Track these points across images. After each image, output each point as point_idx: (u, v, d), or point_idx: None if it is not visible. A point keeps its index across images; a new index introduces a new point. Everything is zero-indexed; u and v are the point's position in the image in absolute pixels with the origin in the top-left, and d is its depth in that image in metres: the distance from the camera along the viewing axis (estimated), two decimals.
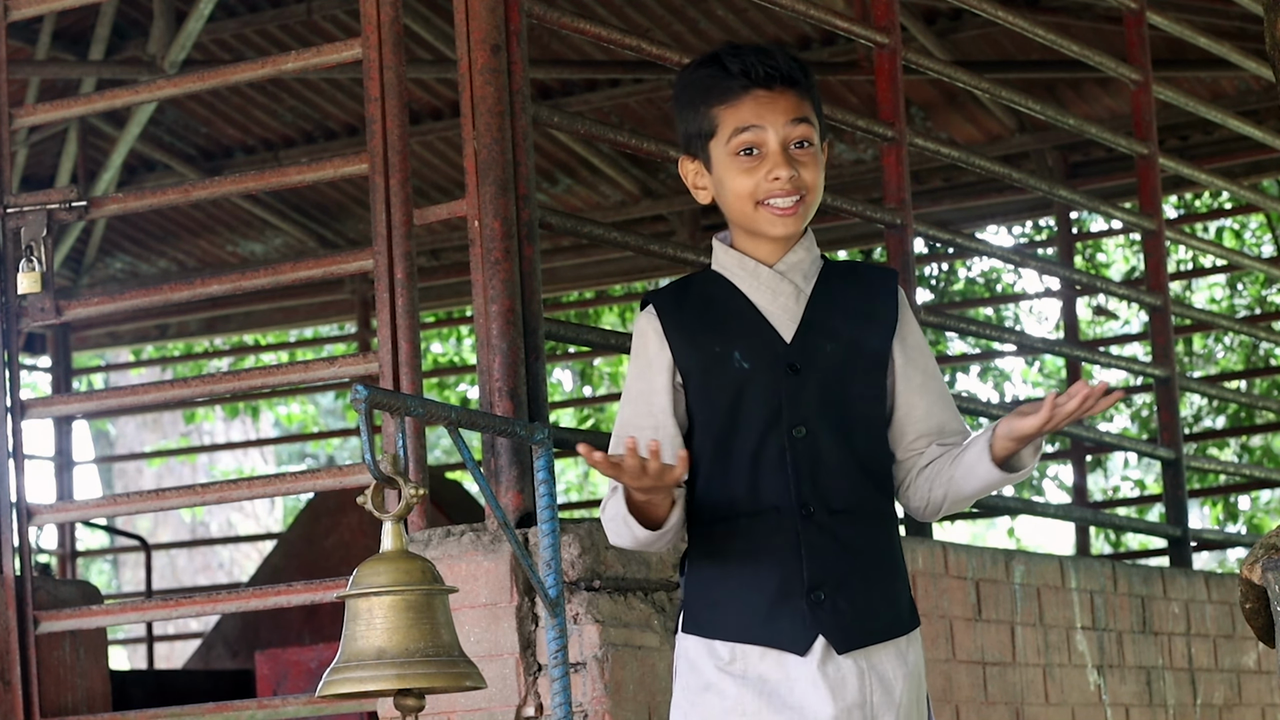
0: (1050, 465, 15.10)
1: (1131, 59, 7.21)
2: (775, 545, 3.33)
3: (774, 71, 3.37)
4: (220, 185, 5.25)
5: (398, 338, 4.76)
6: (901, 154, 6.00)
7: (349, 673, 3.38)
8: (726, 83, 3.37)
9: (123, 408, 10.37)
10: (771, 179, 3.35)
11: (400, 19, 4.87)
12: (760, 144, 3.36)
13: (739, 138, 3.36)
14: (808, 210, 3.40)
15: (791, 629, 3.30)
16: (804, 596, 3.31)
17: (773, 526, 3.33)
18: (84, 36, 9.37)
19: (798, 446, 3.34)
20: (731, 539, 3.35)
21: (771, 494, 3.33)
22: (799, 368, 3.36)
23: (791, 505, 3.33)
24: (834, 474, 3.35)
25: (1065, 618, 6.12)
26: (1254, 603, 3.64)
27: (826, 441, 3.35)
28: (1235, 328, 9.54)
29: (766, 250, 3.42)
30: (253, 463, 19.89)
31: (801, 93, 3.40)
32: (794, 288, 3.40)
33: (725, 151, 3.37)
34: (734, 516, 3.35)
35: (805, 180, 3.37)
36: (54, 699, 5.14)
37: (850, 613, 3.31)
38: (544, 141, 10.05)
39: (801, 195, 3.38)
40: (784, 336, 3.37)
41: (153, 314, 11.57)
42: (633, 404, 3.41)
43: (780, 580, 3.31)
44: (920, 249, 11.61)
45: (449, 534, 4.59)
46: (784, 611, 3.31)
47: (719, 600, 3.35)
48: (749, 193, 3.37)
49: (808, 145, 3.39)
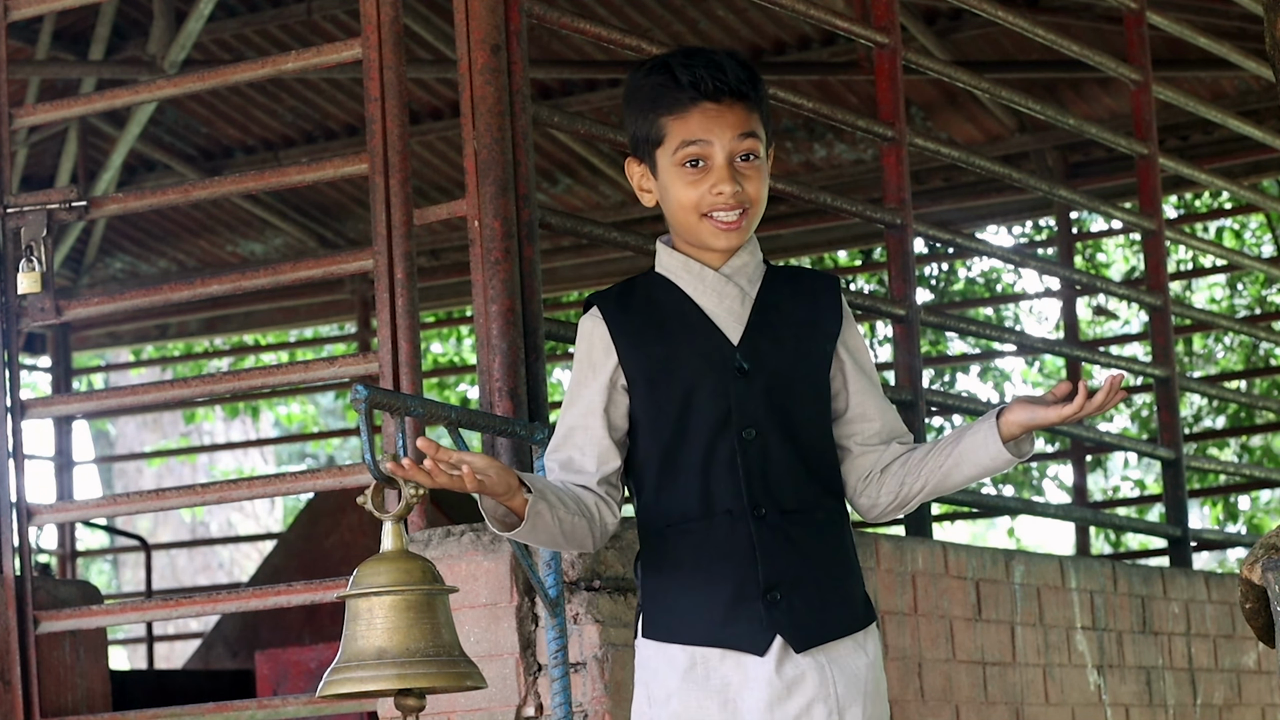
0: (1050, 465, 15.11)
1: (1131, 59, 7.20)
2: (729, 548, 3.34)
3: (723, 85, 3.36)
4: (220, 185, 5.25)
5: (398, 338, 4.76)
6: (901, 154, 6.00)
7: (349, 673, 3.38)
8: (675, 93, 3.37)
9: (123, 408, 10.37)
10: (715, 193, 3.36)
11: (400, 19, 4.87)
12: (706, 157, 3.36)
13: (685, 150, 3.37)
14: (750, 223, 3.40)
15: (749, 630, 3.32)
16: (760, 598, 3.33)
17: (726, 529, 3.35)
18: (84, 36, 9.37)
19: (748, 448, 3.36)
20: (685, 543, 3.36)
21: (723, 496, 3.35)
22: (747, 369, 3.37)
23: (744, 507, 3.35)
24: (784, 475, 3.37)
25: (1065, 618, 6.12)
26: (1254, 603, 3.64)
27: (776, 443, 3.37)
28: (1235, 328, 9.54)
29: (710, 255, 3.43)
30: (253, 463, 19.89)
31: (750, 106, 3.39)
32: (739, 291, 3.41)
33: (671, 161, 3.38)
34: (686, 520, 3.36)
35: (749, 194, 3.37)
36: (54, 699, 5.14)
37: (806, 611, 3.34)
38: (544, 141, 10.05)
39: (745, 209, 3.38)
40: (731, 339, 3.39)
41: (153, 314, 11.57)
42: (574, 407, 3.42)
43: (736, 582, 3.33)
44: (920, 249, 11.61)
45: (449, 534, 4.59)
46: (741, 613, 3.33)
47: (676, 605, 3.36)
48: (693, 204, 3.37)
49: (753, 158, 3.38)
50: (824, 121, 6.41)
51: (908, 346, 5.92)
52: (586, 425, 3.41)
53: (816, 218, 10.37)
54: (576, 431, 3.41)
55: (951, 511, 11.85)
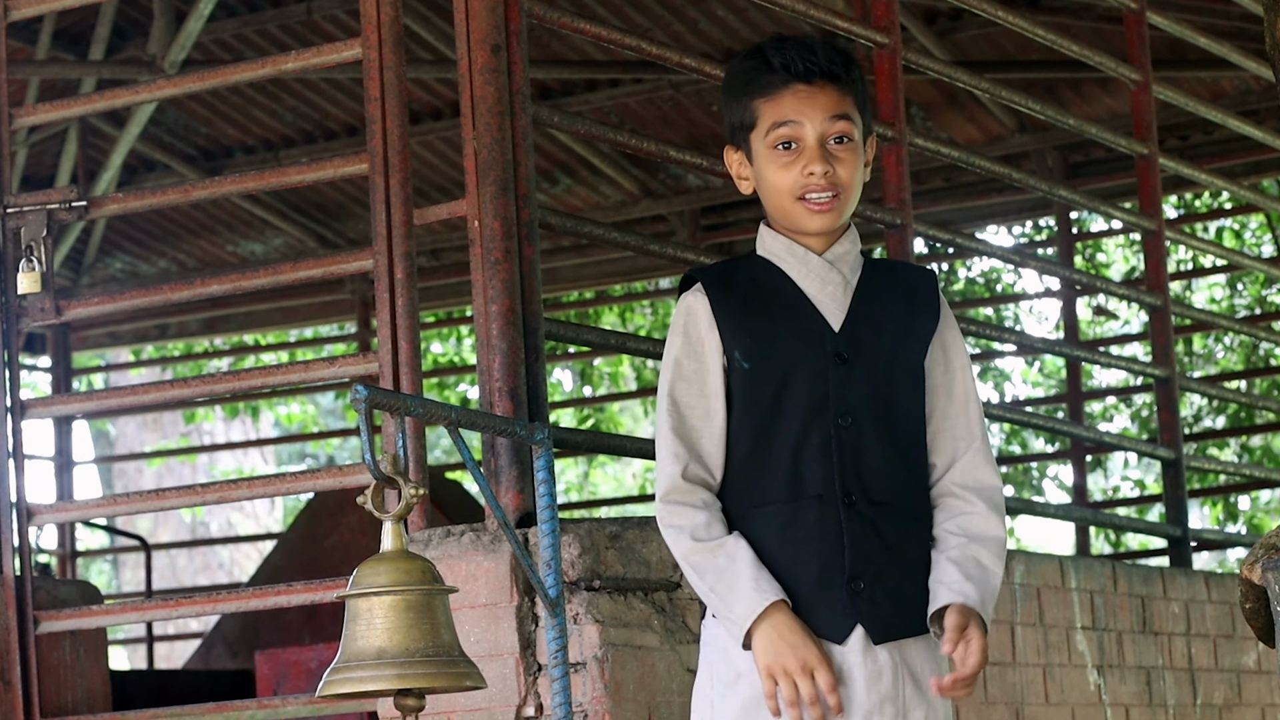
0: (1050, 465, 15.11)
1: (1131, 59, 7.20)
2: (818, 533, 3.32)
3: (814, 66, 3.36)
4: (220, 185, 5.24)
5: (398, 338, 4.76)
6: (901, 154, 6.00)
7: (349, 673, 3.38)
8: (767, 76, 3.38)
9: (123, 408, 10.37)
10: (807, 174, 3.35)
11: (400, 19, 4.87)
12: (798, 138, 3.36)
13: (777, 131, 3.36)
14: (844, 206, 3.39)
15: (831, 617, 3.31)
16: (844, 585, 3.31)
17: (815, 514, 3.33)
18: (84, 36, 9.37)
19: (843, 435, 3.34)
20: (771, 525, 3.34)
21: (814, 481, 3.33)
22: (847, 357, 3.36)
23: (834, 494, 3.33)
24: (877, 465, 3.35)
25: (1065, 618, 6.12)
26: (1254, 603, 3.64)
27: (871, 433, 3.35)
28: (1235, 328, 9.54)
29: (813, 240, 3.42)
30: (253, 463, 19.89)
31: (843, 88, 3.39)
32: (842, 278, 3.41)
33: (764, 145, 3.38)
34: (774, 502, 3.34)
35: (841, 177, 3.37)
36: (54, 699, 5.14)
37: (888, 604, 3.33)
38: (544, 141, 10.05)
39: (838, 192, 3.37)
40: (832, 325, 3.38)
41: (153, 314, 11.57)
42: (686, 382, 3.38)
43: (820, 568, 3.32)
44: (920, 249, 11.60)
45: (449, 534, 4.59)
46: (823, 599, 3.31)
47: None
48: (786, 187, 3.37)
49: (847, 141, 3.38)
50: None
51: None
52: (709, 410, 3.37)
53: None
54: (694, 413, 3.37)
55: None
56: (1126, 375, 12.32)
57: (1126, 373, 11.19)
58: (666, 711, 4.53)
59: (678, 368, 3.39)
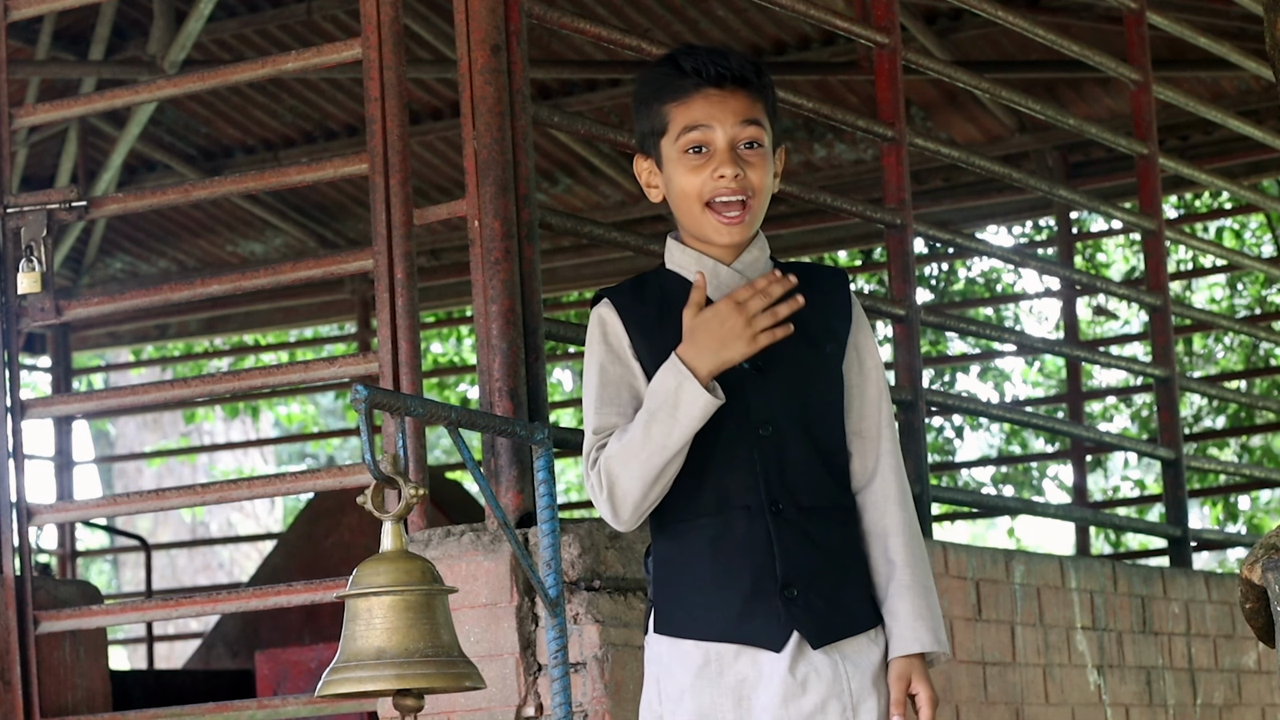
0: (1050, 465, 15.11)
1: (1131, 59, 7.20)
2: (747, 543, 3.34)
3: (725, 70, 3.36)
4: (220, 185, 5.24)
5: (398, 338, 4.76)
6: (901, 154, 6.00)
7: (349, 673, 3.38)
8: (678, 81, 3.38)
9: (123, 408, 10.37)
10: (717, 176, 3.35)
11: (400, 19, 4.87)
12: (708, 142, 3.36)
13: (687, 135, 3.36)
14: (754, 215, 3.38)
15: (766, 626, 3.32)
16: (778, 593, 3.33)
17: (744, 524, 3.34)
18: (84, 36, 9.37)
19: (765, 444, 3.35)
20: (700, 538, 3.36)
21: (740, 492, 3.34)
22: (762, 366, 3.37)
23: (761, 503, 3.34)
24: (800, 471, 3.36)
25: (1065, 618, 6.12)
26: (1254, 603, 3.64)
27: (792, 439, 3.37)
28: (1235, 328, 9.54)
29: (720, 251, 3.42)
30: (253, 463, 19.88)
31: (754, 94, 3.39)
32: None
33: (675, 149, 3.38)
34: (703, 516, 3.36)
35: (751, 181, 3.36)
36: (54, 699, 5.14)
37: (823, 607, 3.34)
38: (544, 141, 10.05)
39: (747, 197, 3.36)
40: None
41: (153, 314, 11.56)
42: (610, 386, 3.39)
43: (753, 578, 3.33)
44: (920, 249, 11.61)
45: (449, 534, 4.59)
46: (758, 609, 3.32)
47: (690, 600, 3.36)
48: (695, 192, 3.36)
49: (757, 146, 3.37)
50: (824, 121, 6.40)
51: (908, 346, 5.92)
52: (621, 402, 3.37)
53: (816, 218, 10.37)
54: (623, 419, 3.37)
55: (951, 511, 11.86)
56: (1126, 375, 12.32)
57: (1126, 373, 11.19)
58: None
59: (603, 374, 3.40)
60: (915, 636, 3.36)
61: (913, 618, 3.37)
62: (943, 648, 3.39)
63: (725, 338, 3.28)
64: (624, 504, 3.34)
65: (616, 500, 3.34)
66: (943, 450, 14.71)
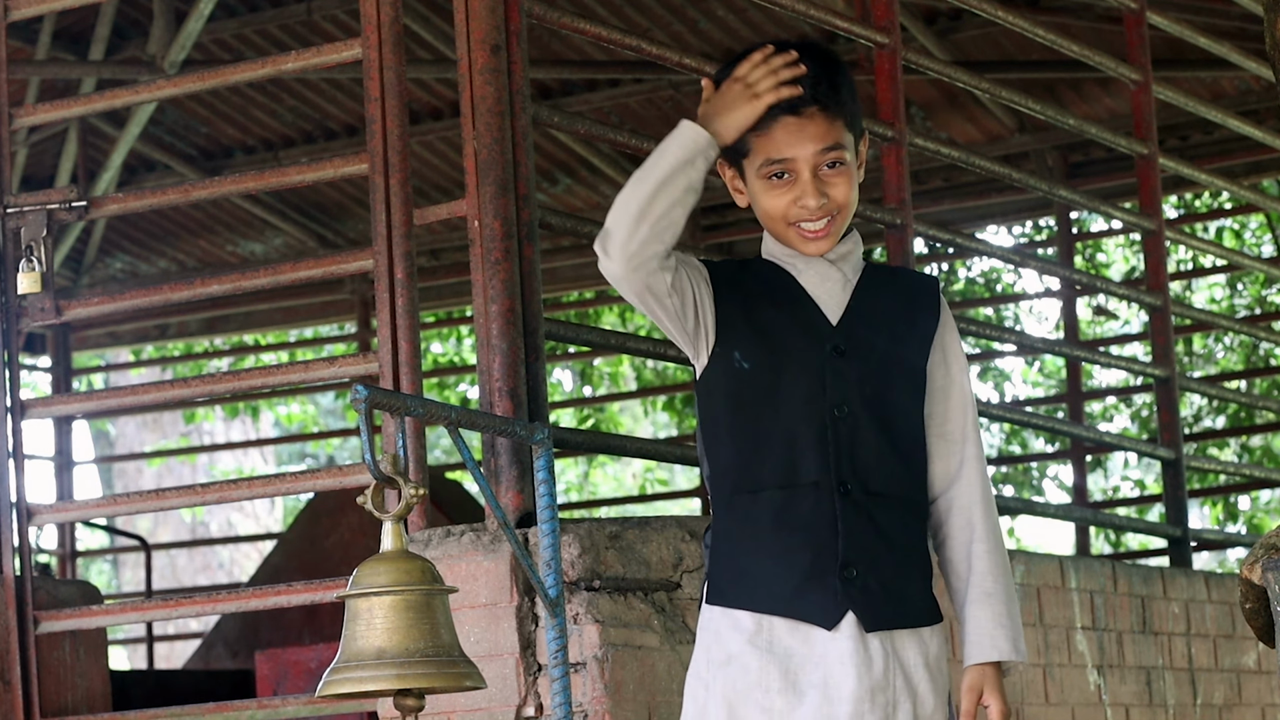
0: (1050, 465, 15.11)
1: (1131, 59, 7.20)
2: (811, 520, 3.34)
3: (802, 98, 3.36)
4: (220, 185, 5.24)
5: (398, 338, 4.76)
6: (901, 154, 6.00)
7: (349, 673, 3.38)
8: None
9: (123, 408, 10.37)
10: (800, 206, 3.38)
11: (400, 19, 4.87)
12: (791, 170, 3.38)
13: (769, 166, 3.39)
14: (839, 228, 3.42)
15: (822, 603, 3.32)
16: (837, 573, 3.33)
17: (810, 501, 3.35)
18: (84, 36, 9.37)
19: (839, 425, 3.36)
20: (765, 511, 3.36)
21: (809, 468, 3.35)
22: (844, 350, 3.39)
23: (830, 481, 3.35)
24: (873, 456, 3.37)
25: (1065, 618, 6.12)
26: (1254, 603, 3.64)
27: (867, 424, 3.38)
28: (1235, 328, 9.54)
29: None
30: (253, 463, 19.88)
31: (832, 113, 3.38)
32: (842, 276, 3.44)
33: (756, 175, 3.40)
34: (768, 489, 3.36)
35: (836, 201, 3.40)
36: (54, 699, 5.14)
37: (880, 593, 3.34)
38: (544, 141, 10.05)
39: (832, 215, 3.40)
40: (830, 319, 3.41)
41: (153, 314, 11.56)
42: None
43: (814, 555, 3.33)
44: (920, 249, 11.60)
45: (449, 534, 4.59)
46: (815, 586, 3.33)
47: (747, 572, 3.36)
48: (779, 214, 3.40)
49: (839, 166, 3.39)
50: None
51: None
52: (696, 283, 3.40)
53: None
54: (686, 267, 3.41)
55: None
56: (1126, 375, 12.32)
57: (1126, 373, 11.19)
58: (666, 711, 4.53)
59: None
60: (994, 645, 3.38)
61: (993, 625, 3.38)
62: (1021, 656, 3.41)
63: (731, 101, 3.34)
64: (613, 232, 3.32)
65: (608, 229, 3.33)
66: None
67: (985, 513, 3.43)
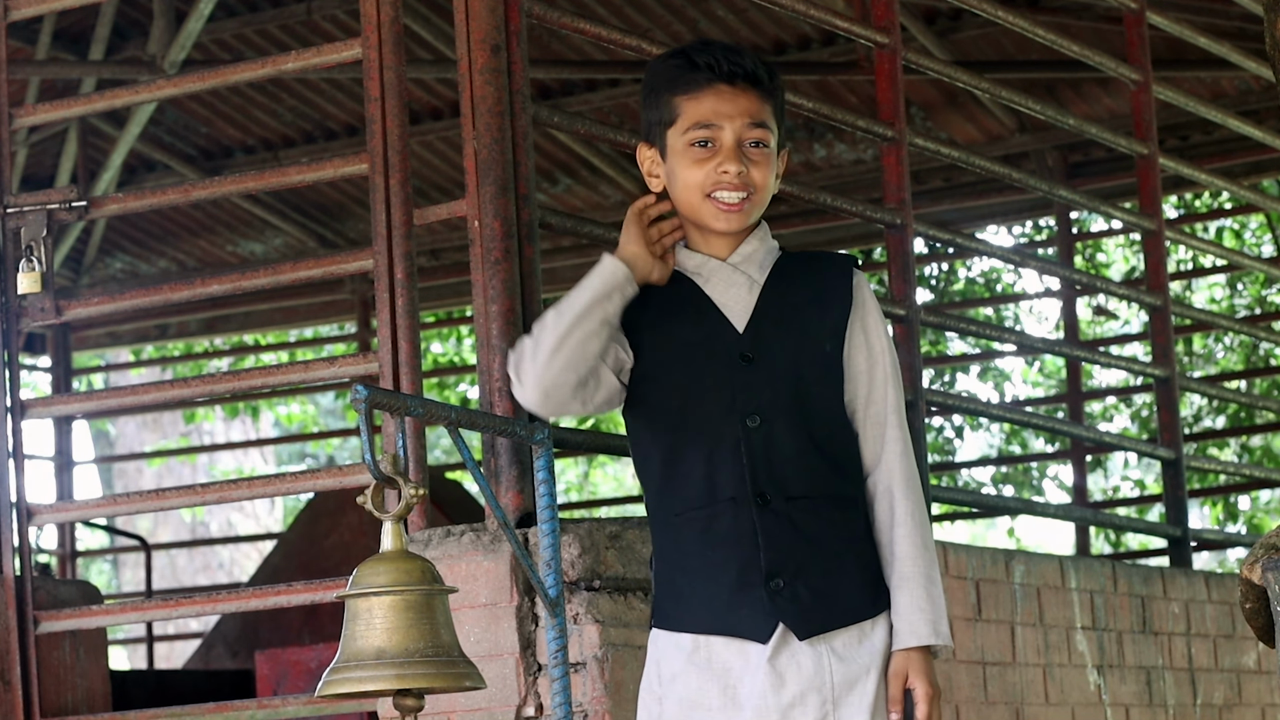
0: (1050, 465, 15.10)
1: (1131, 59, 7.20)
2: (733, 535, 3.36)
3: (738, 68, 3.42)
4: (220, 185, 5.24)
5: (398, 338, 4.76)
6: (901, 154, 6.00)
7: (349, 673, 3.38)
8: (691, 75, 3.45)
9: (123, 408, 10.36)
10: (721, 171, 3.41)
11: (400, 19, 4.87)
12: (715, 139, 3.42)
13: (695, 131, 3.43)
14: (753, 209, 3.43)
15: (751, 617, 3.35)
16: (763, 585, 3.35)
17: (730, 516, 3.37)
18: (84, 36, 9.37)
19: (752, 436, 3.37)
20: (690, 531, 3.39)
21: (727, 484, 3.37)
22: (751, 357, 3.40)
23: (747, 494, 3.37)
24: (792, 461, 3.38)
25: (1065, 618, 6.12)
26: (1254, 603, 3.64)
27: (783, 429, 3.38)
28: (1235, 328, 9.54)
29: (719, 245, 3.47)
30: (253, 463, 19.88)
31: (764, 95, 3.44)
32: (747, 279, 3.45)
33: (681, 141, 3.44)
34: (692, 508, 3.39)
35: (754, 178, 3.42)
36: (54, 699, 5.14)
37: (810, 599, 3.35)
38: (544, 141, 10.05)
39: (749, 193, 3.41)
40: (736, 327, 3.42)
41: (153, 314, 11.56)
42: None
43: (739, 570, 3.36)
44: (920, 249, 11.61)
45: (449, 534, 4.59)
46: (744, 600, 3.35)
47: (682, 593, 3.40)
48: (698, 184, 3.42)
49: (762, 146, 3.43)
50: (824, 121, 6.39)
51: (908, 346, 5.91)
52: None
53: (816, 218, 10.36)
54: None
55: (951, 511, 11.86)
56: (1126, 375, 12.32)
57: (1126, 373, 11.19)
58: None
59: None
60: (911, 630, 3.38)
61: (910, 610, 3.38)
62: (942, 639, 3.39)
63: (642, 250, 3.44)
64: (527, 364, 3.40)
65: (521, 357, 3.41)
66: (943, 450, 14.71)
67: (904, 493, 3.43)
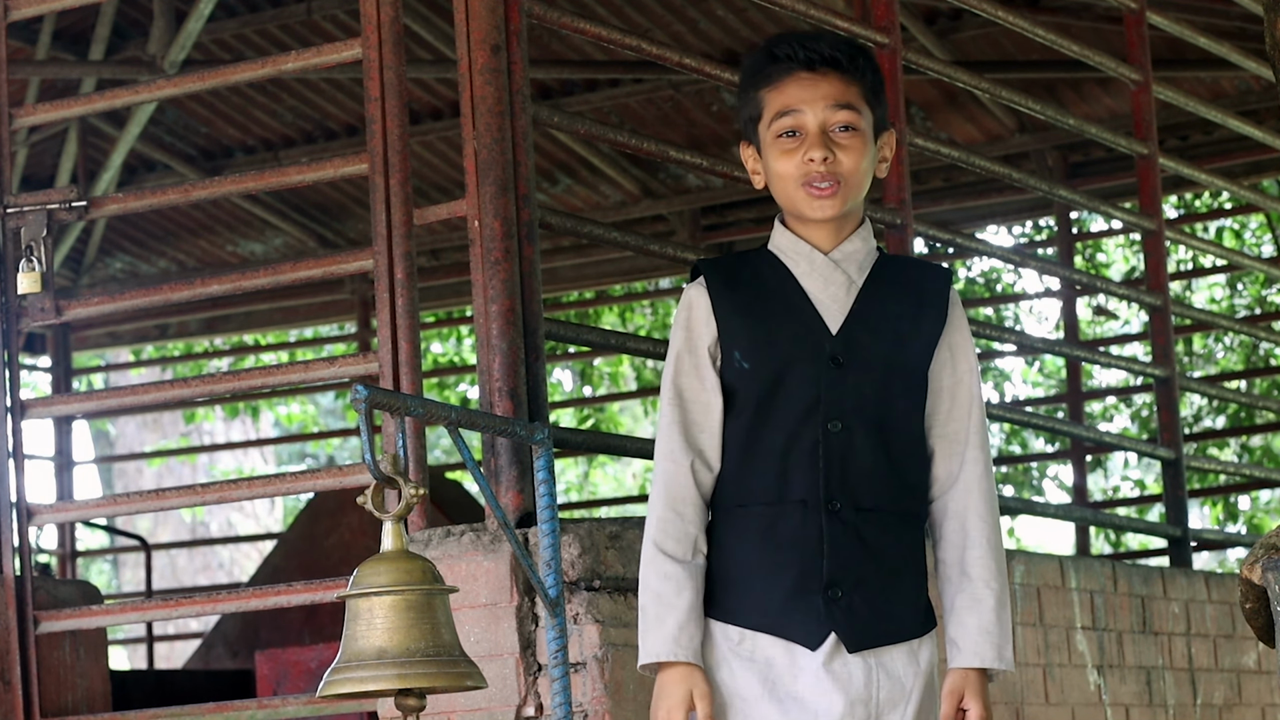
0: (1050, 465, 15.11)
1: (1131, 59, 7.20)
2: (798, 538, 3.33)
3: (815, 53, 3.37)
4: (220, 185, 5.24)
5: (398, 338, 4.76)
6: (901, 154, 6.00)
7: (349, 673, 3.38)
8: (771, 66, 3.40)
9: (123, 408, 10.36)
10: (807, 160, 3.35)
11: (400, 19, 4.87)
12: (800, 126, 3.37)
13: (780, 121, 3.38)
14: (847, 195, 3.37)
15: (805, 623, 3.32)
16: (821, 592, 3.32)
17: (797, 518, 3.33)
18: (84, 36, 9.37)
19: (831, 441, 3.34)
20: (755, 526, 3.35)
21: (799, 486, 3.34)
22: (842, 361, 3.36)
23: (818, 499, 3.33)
24: (866, 472, 3.35)
25: (1065, 618, 6.12)
26: (1254, 603, 3.63)
27: (862, 439, 3.35)
28: (1235, 328, 9.54)
29: (821, 236, 3.41)
30: (253, 463, 19.88)
31: (847, 77, 3.38)
32: (846, 278, 3.40)
33: (770, 134, 3.39)
34: (759, 503, 3.35)
35: (843, 165, 3.36)
36: (54, 699, 5.14)
37: (865, 612, 3.32)
38: (544, 141, 10.05)
39: (839, 180, 3.36)
40: (830, 327, 3.37)
41: (153, 314, 11.56)
42: (688, 375, 3.39)
43: (799, 573, 3.33)
44: (920, 249, 11.60)
45: (449, 534, 4.59)
46: (799, 605, 3.32)
47: (736, 585, 3.36)
48: (789, 175, 3.37)
49: (851, 130, 3.37)
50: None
51: None
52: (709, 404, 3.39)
53: None
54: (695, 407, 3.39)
55: None
56: (1126, 375, 12.32)
57: (1126, 373, 11.19)
58: None
59: (679, 361, 3.41)
60: (977, 651, 3.35)
61: (978, 632, 3.36)
62: (1005, 664, 3.37)
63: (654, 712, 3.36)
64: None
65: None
66: None
67: (983, 517, 3.40)
